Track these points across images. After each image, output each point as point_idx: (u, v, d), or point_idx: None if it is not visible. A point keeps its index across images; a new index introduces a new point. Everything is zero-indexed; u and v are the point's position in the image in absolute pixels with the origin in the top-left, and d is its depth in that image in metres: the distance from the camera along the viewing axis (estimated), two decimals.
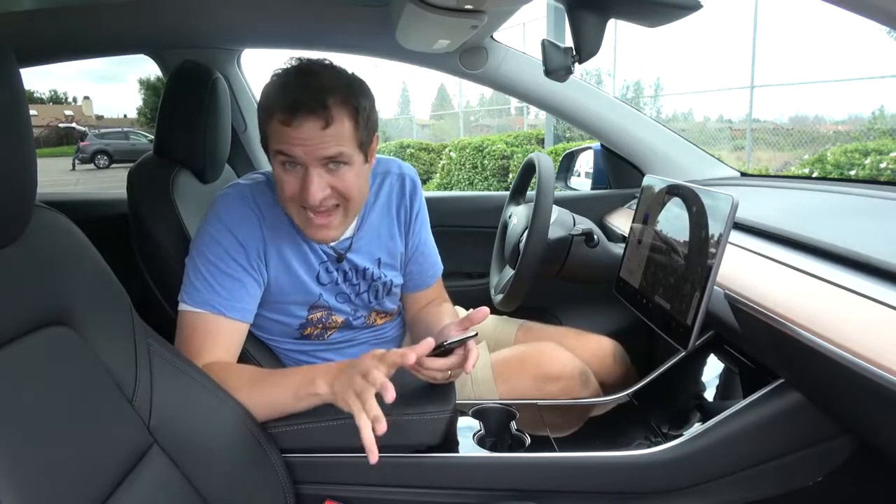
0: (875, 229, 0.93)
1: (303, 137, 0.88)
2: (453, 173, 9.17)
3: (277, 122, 0.89)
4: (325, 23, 1.46)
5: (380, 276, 1.12)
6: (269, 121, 0.91)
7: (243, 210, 0.99)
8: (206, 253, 0.97)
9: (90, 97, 54.06)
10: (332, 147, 0.90)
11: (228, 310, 0.96)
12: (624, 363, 1.28)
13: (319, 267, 1.06)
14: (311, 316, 1.07)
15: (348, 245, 1.07)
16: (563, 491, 0.94)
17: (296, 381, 0.89)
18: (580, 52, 0.91)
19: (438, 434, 0.92)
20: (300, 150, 0.89)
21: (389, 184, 1.12)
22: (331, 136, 0.89)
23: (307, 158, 0.90)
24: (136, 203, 1.13)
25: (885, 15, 0.55)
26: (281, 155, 0.91)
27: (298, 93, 0.88)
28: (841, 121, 8.72)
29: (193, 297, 0.96)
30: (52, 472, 0.60)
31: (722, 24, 10.30)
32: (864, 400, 0.69)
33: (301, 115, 0.87)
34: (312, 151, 0.89)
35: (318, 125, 0.88)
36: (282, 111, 0.88)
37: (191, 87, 1.23)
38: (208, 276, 0.96)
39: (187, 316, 0.96)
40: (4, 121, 0.58)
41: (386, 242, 1.12)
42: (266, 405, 0.90)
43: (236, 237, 0.97)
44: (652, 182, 1.11)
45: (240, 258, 0.98)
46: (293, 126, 0.88)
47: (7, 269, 0.64)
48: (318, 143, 0.89)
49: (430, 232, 1.21)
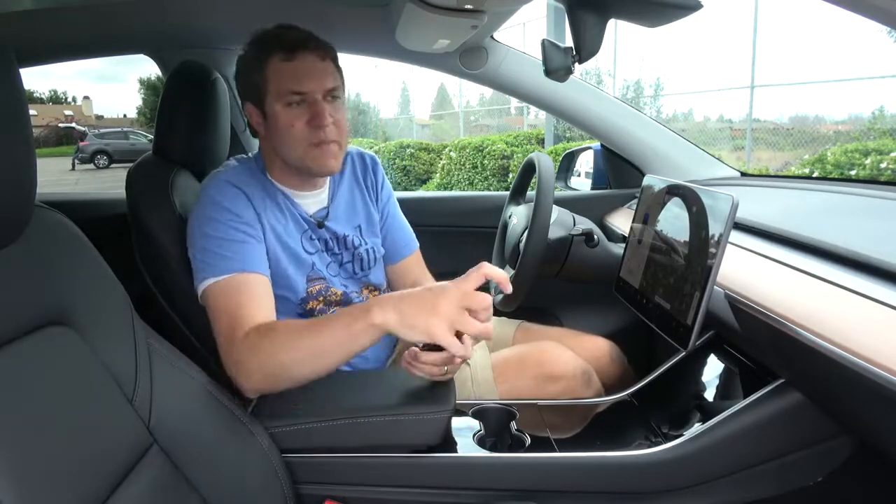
0: (875, 229, 0.93)
1: (308, 69, 0.98)
2: (453, 173, 9.18)
3: (278, 62, 0.98)
4: (324, 23, 1.45)
5: (361, 243, 1.17)
6: (265, 65, 0.99)
7: (231, 190, 1.02)
8: (207, 231, 0.99)
9: (90, 97, 54.20)
10: (331, 79, 1.00)
11: (246, 265, 0.97)
12: (621, 364, 1.28)
13: (302, 236, 1.10)
14: (311, 289, 1.09)
15: (325, 214, 1.13)
16: (563, 491, 0.94)
17: (346, 317, 0.83)
18: (580, 52, 0.91)
19: (438, 434, 0.92)
20: (309, 81, 0.98)
21: (351, 160, 1.22)
22: (328, 68, 1.00)
23: (316, 88, 0.98)
24: (135, 203, 1.13)
25: (885, 15, 0.55)
26: (290, 94, 0.98)
27: (293, 34, 0.98)
28: (841, 121, 8.73)
29: (209, 271, 0.97)
30: (52, 471, 0.60)
31: (722, 24, 10.32)
32: (865, 400, 0.69)
33: (303, 50, 0.97)
34: (320, 82, 0.98)
35: (318, 56, 0.98)
36: (283, 50, 0.97)
37: (190, 87, 1.23)
38: (217, 249, 0.97)
39: (211, 289, 0.96)
40: (4, 121, 0.58)
41: (361, 210, 1.20)
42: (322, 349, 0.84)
43: (230, 209, 1.00)
44: (652, 182, 1.11)
45: (240, 226, 1.00)
46: (298, 59, 0.97)
47: (7, 269, 0.64)
48: (321, 73, 0.99)
49: (399, 209, 1.29)
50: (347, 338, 0.83)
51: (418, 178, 10.26)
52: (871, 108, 7.87)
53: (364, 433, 0.91)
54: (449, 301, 0.76)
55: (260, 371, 0.88)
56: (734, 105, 10.08)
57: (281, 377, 0.89)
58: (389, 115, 19.80)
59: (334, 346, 0.84)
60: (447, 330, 0.76)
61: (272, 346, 0.86)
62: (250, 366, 0.88)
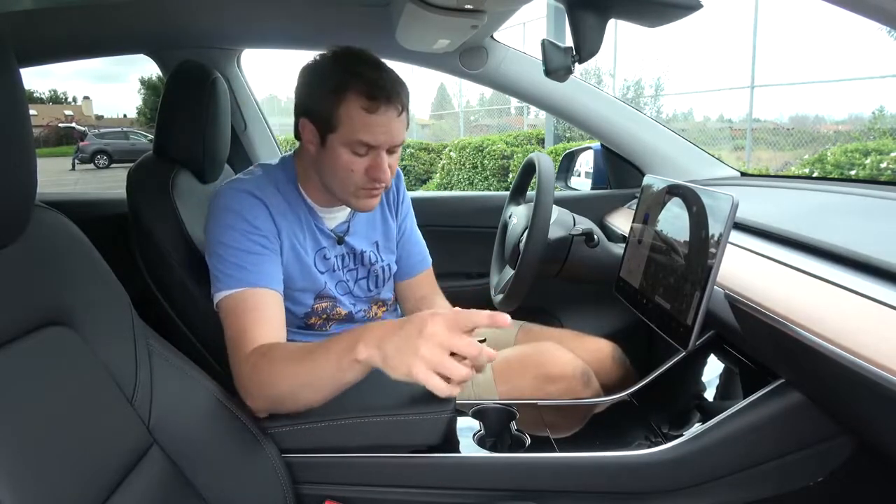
0: (875, 229, 0.93)
1: (385, 126, 0.94)
2: (453, 173, 9.17)
3: (357, 108, 0.93)
4: (325, 23, 1.46)
5: (377, 260, 1.15)
6: (341, 102, 0.93)
7: (250, 200, 0.99)
8: (224, 241, 0.97)
9: (90, 97, 54.21)
10: (402, 134, 0.98)
11: (262, 280, 0.96)
12: (623, 365, 1.28)
13: (316, 255, 1.07)
14: (317, 305, 1.09)
15: (346, 228, 1.11)
16: (563, 491, 0.94)
17: (338, 348, 0.80)
18: (580, 52, 0.90)
19: (438, 434, 0.92)
20: (384, 137, 0.95)
21: None
22: (402, 123, 0.97)
23: (386, 142, 0.96)
24: (135, 203, 1.13)
25: (885, 15, 0.55)
26: (361, 144, 0.95)
27: (381, 81, 0.93)
28: (841, 121, 8.73)
29: (225, 282, 0.95)
30: (51, 472, 0.60)
31: (722, 24, 10.32)
32: (865, 400, 0.69)
33: (385, 103, 0.93)
34: (392, 139, 0.96)
35: (396, 112, 0.95)
36: (365, 98, 0.92)
37: (190, 86, 1.22)
38: (234, 259, 0.96)
39: (226, 302, 0.95)
40: (4, 121, 0.58)
41: (380, 225, 1.17)
42: (313, 380, 0.83)
43: (248, 220, 0.98)
44: (652, 182, 1.11)
45: (257, 238, 0.98)
46: (378, 113, 0.93)
47: (7, 269, 0.64)
48: (396, 130, 0.96)
49: (416, 224, 1.27)
50: (336, 371, 0.80)
51: (418, 178, 10.26)
52: (872, 108, 7.88)
53: (364, 433, 0.91)
54: (432, 344, 0.70)
55: (261, 395, 0.88)
56: (734, 105, 10.09)
57: (283, 404, 0.88)
58: None
59: (325, 379, 0.82)
60: (429, 373, 0.70)
61: (270, 373, 0.86)
62: (252, 389, 0.88)
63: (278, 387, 0.86)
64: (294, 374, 0.84)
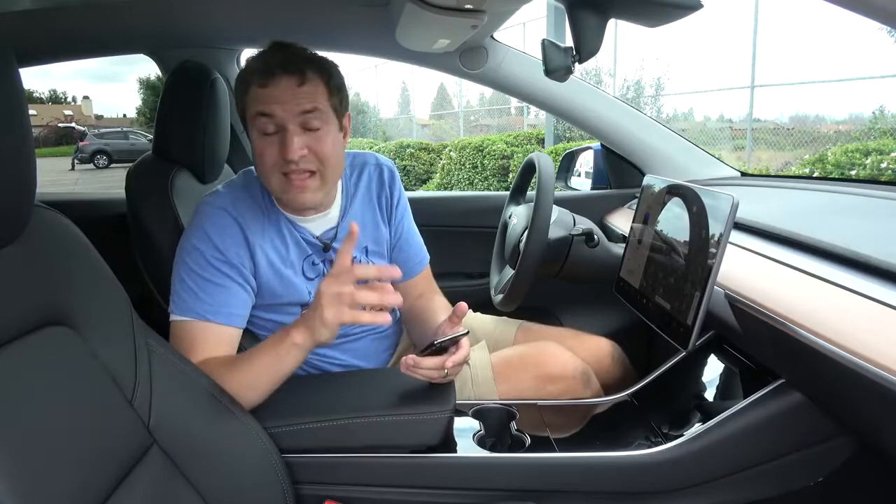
0: (875, 229, 0.93)
1: (279, 94, 0.93)
2: (453, 173, 9.17)
3: (255, 87, 0.94)
4: (324, 22, 1.45)
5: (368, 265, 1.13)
6: (247, 90, 0.95)
7: (224, 220, 0.99)
8: (188, 262, 0.97)
9: (89, 97, 54.23)
10: (307, 102, 0.94)
11: (214, 315, 0.96)
12: (622, 364, 1.28)
13: (304, 262, 1.06)
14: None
15: (334, 234, 1.09)
16: (563, 491, 0.94)
17: (272, 343, 0.90)
18: (580, 52, 0.90)
19: (438, 434, 0.92)
20: (278, 106, 0.93)
21: (368, 174, 1.16)
22: (305, 92, 0.94)
23: (285, 114, 0.93)
24: (135, 203, 1.13)
25: (885, 15, 0.55)
26: (260, 117, 0.94)
27: (274, 58, 0.94)
28: (841, 120, 8.73)
29: (179, 306, 0.97)
30: (52, 472, 0.60)
31: (722, 24, 10.32)
32: (865, 400, 0.69)
33: (277, 75, 0.93)
34: (289, 107, 0.93)
35: (293, 82, 0.93)
36: (259, 75, 0.93)
37: (190, 87, 1.22)
38: (192, 284, 0.96)
39: (176, 326, 0.97)
40: (4, 121, 0.58)
41: (371, 231, 1.15)
42: (255, 378, 0.90)
43: (217, 246, 0.97)
44: (652, 182, 1.11)
45: (222, 266, 0.98)
46: (270, 85, 0.93)
47: (7, 269, 0.64)
48: (293, 98, 0.93)
49: (414, 222, 1.24)
50: (275, 361, 0.90)
51: (418, 177, 10.26)
52: (872, 108, 7.88)
53: (364, 433, 0.91)
54: (328, 288, 0.81)
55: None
56: (734, 105, 10.09)
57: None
58: (389, 114, 19.77)
59: (263, 373, 0.91)
60: (348, 311, 0.80)
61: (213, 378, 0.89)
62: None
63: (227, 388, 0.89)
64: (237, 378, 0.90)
